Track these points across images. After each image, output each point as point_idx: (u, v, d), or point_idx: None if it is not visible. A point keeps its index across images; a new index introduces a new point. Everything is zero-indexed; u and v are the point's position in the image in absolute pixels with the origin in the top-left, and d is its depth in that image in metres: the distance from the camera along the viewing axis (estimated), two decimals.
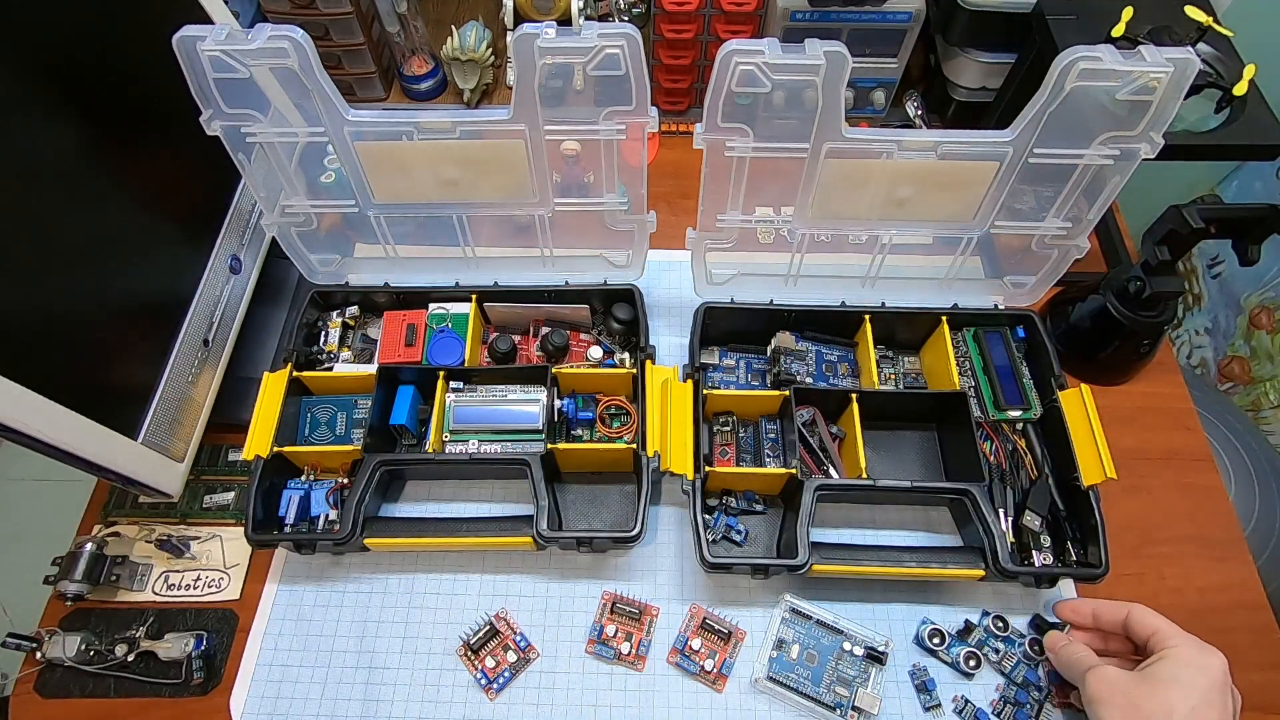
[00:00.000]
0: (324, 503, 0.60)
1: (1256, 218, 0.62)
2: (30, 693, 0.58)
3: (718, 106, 0.51)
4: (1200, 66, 0.49)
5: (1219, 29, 0.67)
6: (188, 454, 0.60)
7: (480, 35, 0.83)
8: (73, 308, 0.51)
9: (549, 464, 0.59)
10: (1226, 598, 0.62)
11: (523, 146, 0.55)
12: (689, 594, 0.60)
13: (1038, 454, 0.62)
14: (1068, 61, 0.47)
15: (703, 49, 0.82)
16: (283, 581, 0.62)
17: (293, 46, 0.48)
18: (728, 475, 0.60)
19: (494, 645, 0.58)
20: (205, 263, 0.63)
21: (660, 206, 0.70)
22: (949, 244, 0.62)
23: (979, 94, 0.81)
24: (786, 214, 0.60)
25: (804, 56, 0.48)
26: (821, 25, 0.76)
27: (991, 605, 0.60)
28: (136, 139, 0.57)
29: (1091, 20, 0.67)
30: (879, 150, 0.54)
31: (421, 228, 0.64)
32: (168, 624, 0.60)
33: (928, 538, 0.63)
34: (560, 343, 0.67)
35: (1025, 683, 0.56)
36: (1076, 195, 0.57)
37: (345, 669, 0.58)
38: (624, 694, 0.57)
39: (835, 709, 0.55)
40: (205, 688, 0.58)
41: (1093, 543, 0.56)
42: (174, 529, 0.63)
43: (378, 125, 0.54)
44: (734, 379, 0.68)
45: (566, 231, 0.64)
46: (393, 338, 0.66)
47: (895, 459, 0.65)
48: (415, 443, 0.64)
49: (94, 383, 0.52)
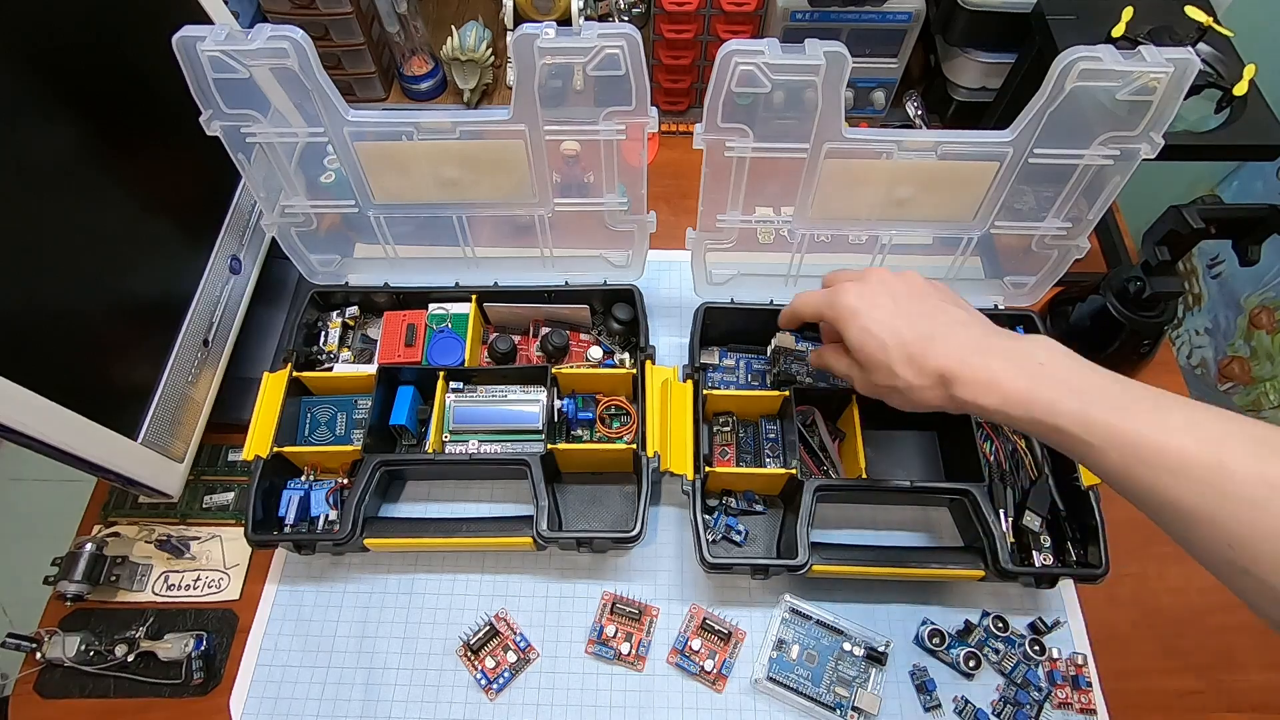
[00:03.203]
0: (324, 503, 0.60)
1: (1256, 218, 0.62)
2: (30, 693, 0.58)
3: (718, 106, 0.51)
4: (1200, 66, 0.49)
5: (1219, 29, 0.66)
6: (188, 454, 0.60)
7: (480, 35, 0.83)
8: (73, 308, 0.51)
9: (549, 464, 0.59)
10: (1226, 598, 0.61)
11: (523, 146, 0.55)
12: (689, 594, 0.60)
13: (1038, 454, 0.62)
14: (1068, 61, 0.47)
15: (703, 49, 0.82)
16: (283, 582, 0.62)
17: (293, 47, 0.48)
18: (728, 475, 0.60)
19: (494, 645, 0.58)
20: (205, 263, 0.63)
21: (660, 206, 0.70)
22: (949, 244, 0.62)
23: (979, 94, 0.81)
24: (786, 214, 0.60)
25: (804, 57, 0.48)
26: (821, 25, 0.76)
27: (991, 605, 0.60)
28: (136, 139, 0.57)
29: (1091, 20, 0.67)
30: (879, 150, 0.54)
31: (421, 228, 0.64)
32: (168, 624, 0.60)
33: (928, 538, 0.63)
34: (560, 343, 0.67)
35: (1025, 683, 0.56)
36: (1076, 195, 0.57)
37: (345, 669, 0.58)
38: (624, 694, 0.57)
39: (835, 709, 0.55)
40: (205, 688, 0.58)
41: (1093, 543, 0.56)
42: (174, 529, 0.63)
43: (378, 125, 0.54)
44: (734, 379, 0.68)
45: (566, 231, 0.64)
46: (393, 338, 0.66)
47: (895, 459, 0.65)
48: (415, 443, 0.64)
49: (94, 383, 0.52)
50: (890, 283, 0.50)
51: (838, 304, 0.50)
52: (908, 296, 0.49)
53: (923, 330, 0.46)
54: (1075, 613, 0.60)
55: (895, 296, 0.49)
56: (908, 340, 0.46)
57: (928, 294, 0.49)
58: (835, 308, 0.50)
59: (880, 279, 0.50)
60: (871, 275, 0.51)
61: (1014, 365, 0.43)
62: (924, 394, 0.46)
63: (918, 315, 0.47)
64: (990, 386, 0.43)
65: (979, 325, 0.47)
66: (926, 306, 0.48)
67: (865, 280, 0.50)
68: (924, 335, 0.46)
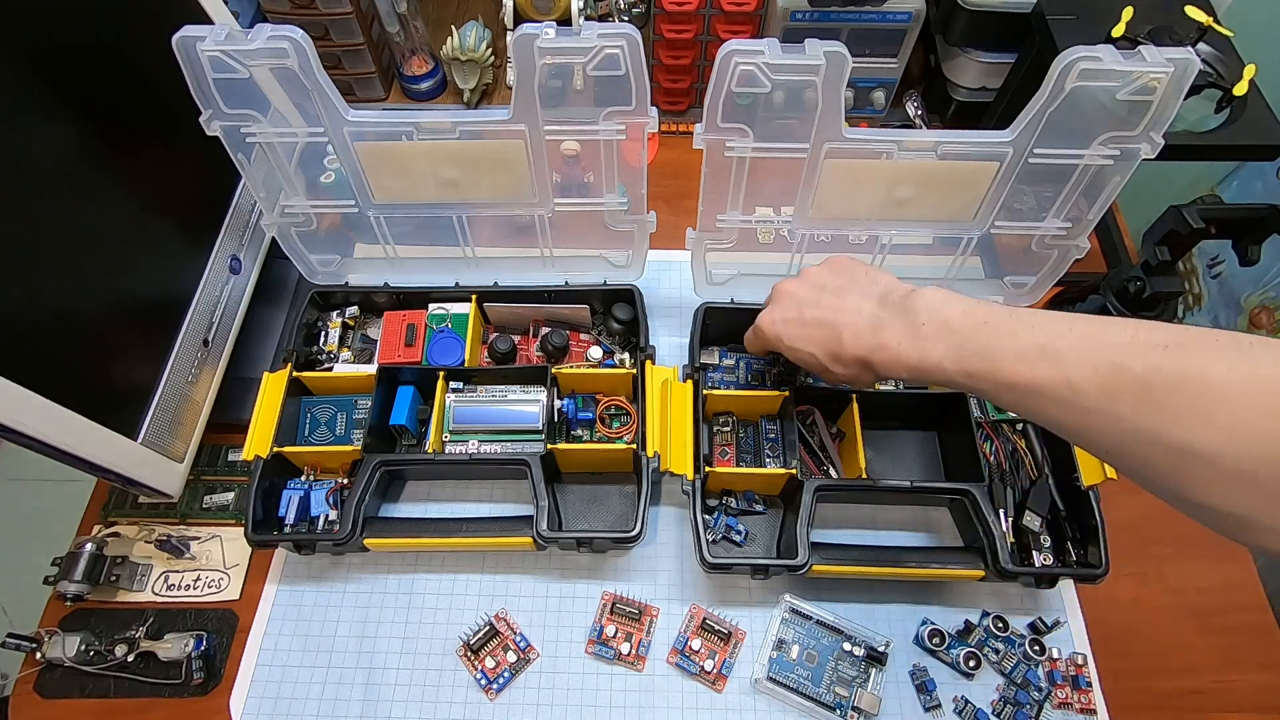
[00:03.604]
0: (324, 503, 0.60)
1: (1256, 218, 0.62)
2: (30, 693, 0.58)
3: (718, 106, 0.51)
4: (1200, 66, 0.49)
5: (1219, 29, 0.66)
6: (187, 454, 0.60)
7: (480, 35, 0.83)
8: (73, 308, 0.51)
9: (549, 464, 0.59)
10: (1226, 598, 0.62)
11: (523, 146, 0.55)
12: (689, 594, 0.60)
13: (1038, 454, 0.62)
14: (1068, 61, 0.47)
15: (703, 49, 0.82)
16: (283, 582, 0.62)
17: (292, 47, 0.48)
18: (728, 475, 0.60)
19: (494, 645, 0.58)
20: (205, 263, 0.63)
21: (660, 206, 0.70)
22: (949, 244, 0.62)
23: (979, 94, 0.81)
24: (786, 214, 0.60)
25: (804, 56, 0.48)
26: (821, 25, 0.76)
27: (991, 605, 0.60)
28: (136, 139, 0.57)
29: (1091, 20, 0.67)
30: (879, 150, 0.54)
31: (421, 228, 0.64)
32: (168, 624, 0.60)
33: (928, 538, 0.63)
34: (560, 343, 0.67)
35: (1025, 683, 0.56)
36: (1076, 195, 0.57)
37: (345, 669, 0.58)
38: (624, 694, 0.57)
39: (835, 709, 0.55)
40: (205, 688, 0.58)
41: (1093, 543, 0.56)
42: (174, 529, 0.63)
43: (378, 125, 0.54)
44: (734, 379, 0.68)
45: (566, 231, 0.64)
46: (393, 338, 0.66)
47: (895, 459, 0.65)
48: (415, 443, 0.64)
49: (94, 383, 0.52)
50: (795, 292, 0.52)
51: (766, 337, 0.53)
52: (811, 299, 0.51)
53: (830, 329, 0.48)
54: (1075, 613, 0.60)
55: (800, 305, 0.51)
56: (823, 341, 0.49)
57: (828, 284, 0.51)
58: (767, 341, 0.53)
59: (784, 292, 0.53)
60: (778, 292, 0.53)
61: (903, 336, 0.45)
62: (861, 377, 0.49)
63: (825, 313, 0.49)
64: (895, 361, 0.45)
65: (873, 300, 0.48)
66: (828, 301, 0.50)
67: (775, 301, 0.53)
68: (833, 335, 0.48)
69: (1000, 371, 0.40)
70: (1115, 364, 0.36)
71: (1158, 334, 0.35)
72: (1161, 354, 0.34)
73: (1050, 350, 0.38)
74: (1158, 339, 0.35)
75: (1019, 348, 0.40)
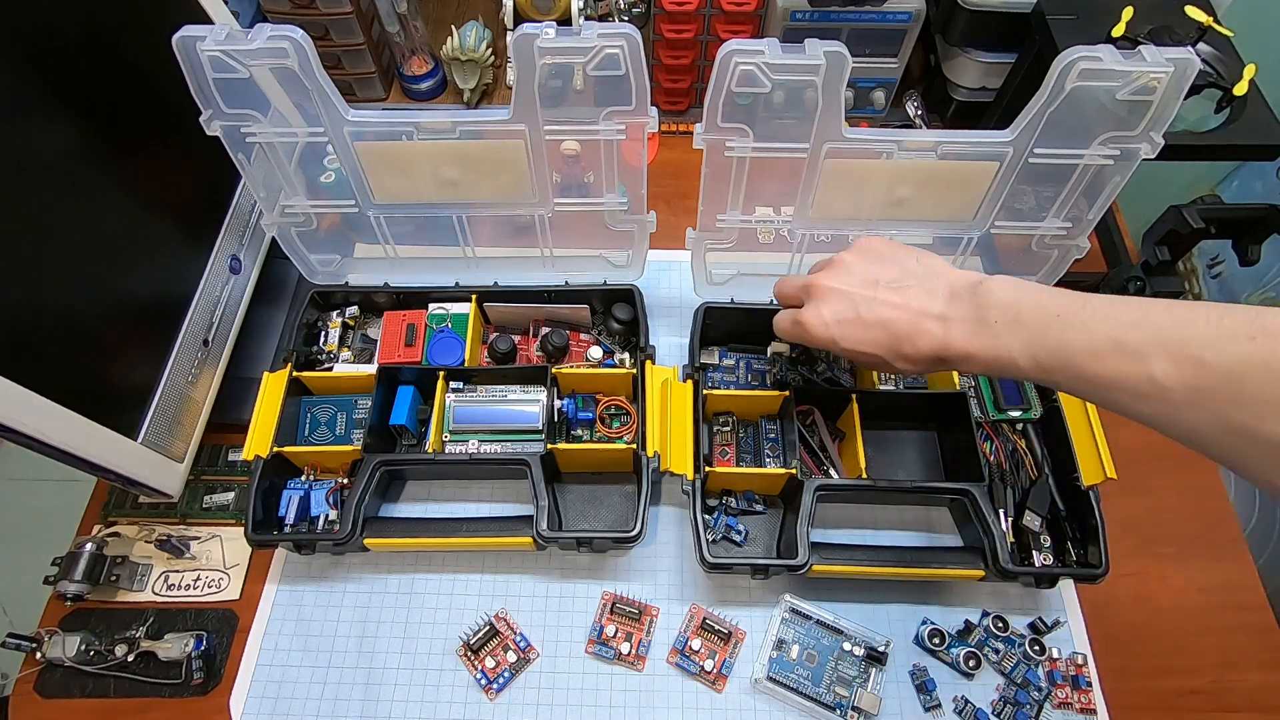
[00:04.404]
0: (324, 503, 0.60)
1: (1256, 218, 0.62)
2: (30, 693, 0.58)
3: (718, 106, 0.51)
4: (1200, 66, 0.49)
5: (1219, 29, 0.66)
6: (188, 454, 0.60)
7: (480, 35, 0.83)
8: (73, 308, 0.51)
9: (549, 464, 0.59)
10: (1226, 598, 0.62)
11: (523, 146, 0.55)
12: (689, 594, 0.60)
13: (1038, 454, 0.62)
14: (1068, 61, 0.47)
15: (703, 49, 0.82)
16: (283, 581, 0.62)
17: (292, 46, 0.48)
18: (728, 475, 0.60)
19: (494, 645, 0.58)
20: (205, 263, 0.63)
21: (660, 206, 0.70)
22: (949, 244, 0.62)
23: (979, 94, 0.81)
24: (786, 214, 0.60)
25: (804, 56, 0.48)
26: (821, 25, 0.76)
27: (991, 605, 0.60)
28: (136, 139, 0.57)
29: (1091, 20, 0.67)
30: (879, 150, 0.54)
31: (421, 228, 0.64)
32: (168, 624, 0.60)
33: (928, 538, 0.63)
34: (560, 343, 0.67)
35: (1025, 683, 0.56)
36: (1076, 195, 0.57)
37: (345, 669, 0.58)
38: (624, 694, 0.57)
39: (835, 709, 0.55)
40: (205, 688, 0.58)
41: (1093, 543, 0.56)
42: (174, 529, 0.63)
43: (378, 125, 0.54)
44: (734, 379, 0.68)
45: (566, 231, 0.64)
46: (393, 338, 0.66)
47: (895, 459, 0.65)
48: (415, 443, 0.64)
49: (94, 383, 0.52)
50: (844, 290, 0.49)
51: (817, 339, 0.50)
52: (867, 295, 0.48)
53: (897, 328, 0.46)
54: (1075, 613, 0.60)
55: (856, 304, 0.48)
56: (889, 343, 0.47)
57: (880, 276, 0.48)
58: (816, 342, 0.50)
59: (830, 289, 0.49)
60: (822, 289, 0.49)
61: (973, 333, 0.44)
62: (932, 370, 0.48)
63: (888, 311, 0.47)
64: (969, 358, 0.44)
65: (940, 295, 0.46)
66: (888, 298, 0.47)
67: (823, 299, 0.49)
68: (900, 335, 0.46)
69: (1075, 366, 0.39)
70: (1197, 358, 0.34)
71: (1240, 323, 0.34)
72: (1249, 345, 0.33)
73: (1125, 345, 0.37)
74: (1241, 329, 0.33)
75: (1092, 342, 0.38)
